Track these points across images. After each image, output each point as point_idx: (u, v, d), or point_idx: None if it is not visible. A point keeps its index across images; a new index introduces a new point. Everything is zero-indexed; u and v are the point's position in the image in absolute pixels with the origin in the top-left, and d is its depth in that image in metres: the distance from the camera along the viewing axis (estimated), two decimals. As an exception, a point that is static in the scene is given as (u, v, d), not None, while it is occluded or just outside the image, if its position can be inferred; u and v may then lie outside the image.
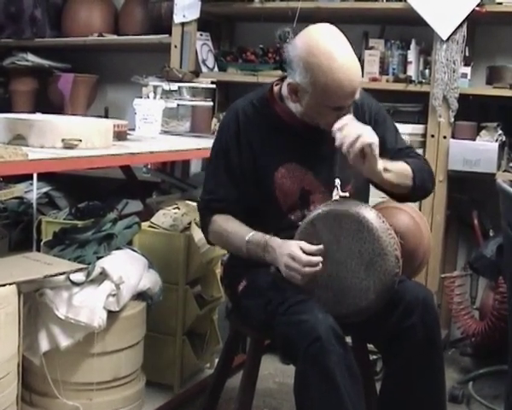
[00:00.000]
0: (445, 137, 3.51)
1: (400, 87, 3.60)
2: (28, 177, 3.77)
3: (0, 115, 2.57)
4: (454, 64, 3.46)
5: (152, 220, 2.95)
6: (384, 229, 2.10)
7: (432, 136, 3.53)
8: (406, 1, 3.51)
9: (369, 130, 2.12)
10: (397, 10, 3.59)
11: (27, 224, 3.54)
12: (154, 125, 3.37)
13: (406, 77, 3.60)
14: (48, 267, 2.31)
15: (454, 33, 3.43)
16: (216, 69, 4.10)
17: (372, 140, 2.08)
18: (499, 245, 3.09)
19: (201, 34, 4.09)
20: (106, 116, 4.41)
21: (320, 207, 2.17)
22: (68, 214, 2.94)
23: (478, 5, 3.38)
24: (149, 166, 3.83)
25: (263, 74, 3.81)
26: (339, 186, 2.21)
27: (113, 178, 4.01)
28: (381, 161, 2.16)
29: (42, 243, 2.73)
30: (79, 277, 2.38)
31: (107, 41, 4.36)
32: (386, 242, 2.09)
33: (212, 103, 3.68)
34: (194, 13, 3.94)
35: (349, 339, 2.24)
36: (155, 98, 3.43)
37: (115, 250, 2.58)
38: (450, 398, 3.08)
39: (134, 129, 3.35)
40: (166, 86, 3.50)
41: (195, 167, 4.13)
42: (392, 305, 2.14)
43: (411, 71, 3.64)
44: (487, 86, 3.55)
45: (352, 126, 2.11)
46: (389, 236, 2.10)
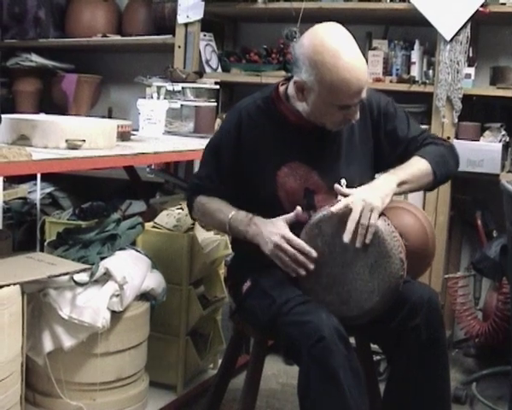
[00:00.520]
0: (449, 137, 3.49)
1: (404, 88, 3.59)
2: (32, 177, 3.79)
3: (4, 116, 2.57)
4: (458, 65, 3.46)
5: (155, 221, 2.95)
6: (389, 231, 2.10)
7: (435, 137, 3.53)
8: (410, 1, 3.50)
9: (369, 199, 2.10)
10: (400, 11, 3.58)
11: (31, 224, 3.56)
12: (158, 125, 3.37)
13: (410, 77, 3.60)
14: (51, 268, 2.31)
15: (458, 34, 3.43)
16: (219, 70, 4.10)
17: (373, 220, 2.08)
18: (503, 246, 3.09)
19: (205, 35, 4.08)
20: (109, 117, 4.42)
21: (325, 208, 2.16)
22: (72, 215, 2.94)
23: (482, 6, 3.37)
24: (153, 166, 3.83)
25: (266, 75, 3.81)
26: (344, 186, 2.20)
27: (117, 178, 4.02)
28: (395, 177, 2.18)
29: (45, 244, 2.73)
30: (83, 277, 2.39)
31: (110, 41, 4.36)
32: (390, 244, 2.08)
33: (216, 104, 3.68)
34: (197, 13, 3.94)
35: (352, 340, 2.24)
36: (159, 99, 3.43)
37: (119, 251, 2.59)
38: (453, 399, 3.07)
39: (138, 129, 3.35)
40: (170, 87, 3.49)
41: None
42: (396, 305, 2.14)
43: (415, 71, 3.63)
44: (491, 87, 3.54)
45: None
46: (394, 238, 2.10)
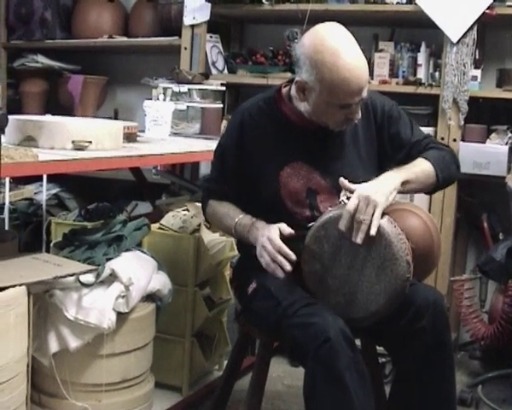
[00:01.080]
0: (455, 139, 3.49)
1: (410, 90, 3.59)
2: (38, 178, 3.80)
3: (10, 117, 2.57)
4: (464, 67, 3.45)
5: (161, 222, 2.95)
6: (395, 234, 2.10)
7: (442, 139, 3.51)
8: (416, 3, 3.50)
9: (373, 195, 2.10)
10: (407, 13, 3.58)
11: (37, 225, 3.56)
12: (164, 127, 3.38)
13: (416, 79, 3.60)
14: (57, 268, 2.31)
15: (464, 36, 3.42)
16: (226, 71, 4.10)
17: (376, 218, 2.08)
18: (509, 248, 3.08)
19: (211, 36, 4.08)
20: (115, 118, 4.43)
21: (331, 210, 2.16)
22: (78, 216, 2.95)
23: (488, 8, 3.37)
24: (159, 167, 3.84)
25: (273, 76, 3.81)
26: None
27: (123, 179, 4.03)
28: (400, 175, 2.18)
29: (51, 245, 2.73)
30: (89, 278, 2.39)
31: (116, 43, 4.37)
32: (397, 247, 2.08)
33: (222, 105, 3.69)
34: (204, 15, 3.94)
35: (358, 341, 2.24)
36: (165, 100, 3.43)
37: (125, 252, 2.58)
38: (459, 401, 3.07)
39: (144, 131, 3.36)
40: (176, 88, 3.50)
41: (205, 169, 4.12)
42: (402, 307, 2.13)
43: (421, 73, 3.63)
44: (497, 89, 3.54)
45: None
46: (400, 241, 2.09)
